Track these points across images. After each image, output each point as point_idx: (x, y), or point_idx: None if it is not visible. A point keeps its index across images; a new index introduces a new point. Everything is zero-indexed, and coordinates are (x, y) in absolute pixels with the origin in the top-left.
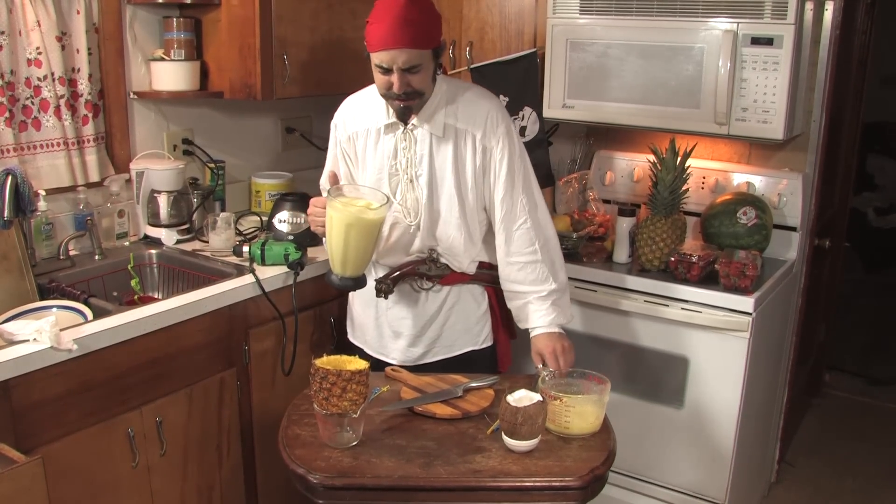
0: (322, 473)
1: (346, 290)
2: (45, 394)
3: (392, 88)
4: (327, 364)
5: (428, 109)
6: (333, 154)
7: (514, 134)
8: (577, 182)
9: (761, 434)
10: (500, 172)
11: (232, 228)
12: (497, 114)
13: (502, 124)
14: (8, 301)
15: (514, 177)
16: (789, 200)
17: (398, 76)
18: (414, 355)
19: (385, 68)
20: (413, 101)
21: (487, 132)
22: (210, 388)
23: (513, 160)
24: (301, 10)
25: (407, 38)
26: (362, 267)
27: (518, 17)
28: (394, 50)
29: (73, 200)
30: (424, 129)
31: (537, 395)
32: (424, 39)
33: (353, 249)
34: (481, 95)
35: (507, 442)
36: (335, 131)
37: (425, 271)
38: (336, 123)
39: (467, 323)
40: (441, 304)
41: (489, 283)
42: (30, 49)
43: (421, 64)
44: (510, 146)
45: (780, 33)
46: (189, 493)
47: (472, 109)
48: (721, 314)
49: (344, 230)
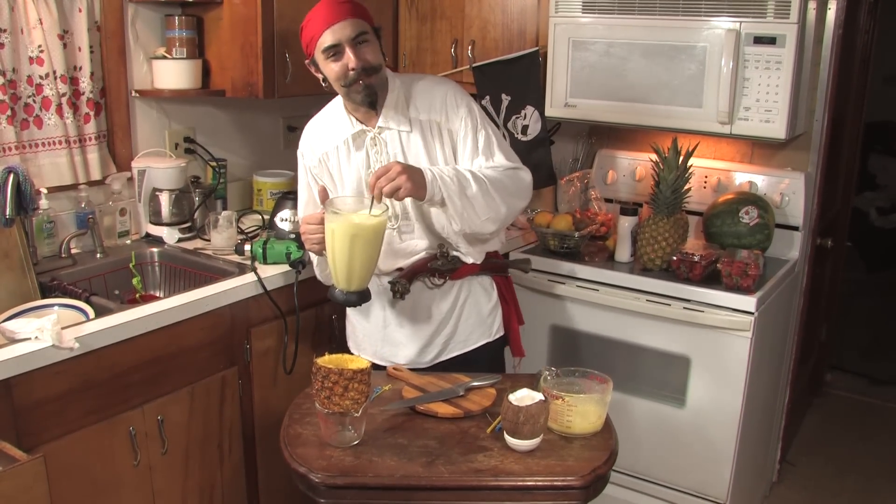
0: (323, 472)
1: (350, 305)
2: (46, 392)
3: (349, 67)
4: (329, 363)
5: (389, 108)
6: (305, 183)
7: (476, 109)
8: (579, 181)
9: (763, 433)
10: (466, 143)
11: (233, 227)
12: (454, 95)
13: (462, 105)
14: (9, 299)
15: (477, 141)
16: (791, 200)
17: (351, 50)
18: (428, 357)
19: (335, 49)
20: (373, 78)
21: (450, 116)
22: (211, 387)
23: (476, 130)
24: (303, 8)
25: (347, 10)
26: (368, 279)
27: (520, 16)
28: (338, 23)
29: (75, 199)
30: (391, 129)
31: (539, 395)
32: (363, 11)
33: (360, 260)
34: (435, 82)
35: (509, 441)
36: (303, 160)
37: (437, 266)
38: (302, 152)
39: (480, 315)
40: (454, 299)
41: (496, 272)
42: (31, 47)
43: (367, 33)
44: (472, 120)
45: (783, 33)
46: (190, 492)
47: (429, 98)
48: (723, 314)
49: (349, 241)
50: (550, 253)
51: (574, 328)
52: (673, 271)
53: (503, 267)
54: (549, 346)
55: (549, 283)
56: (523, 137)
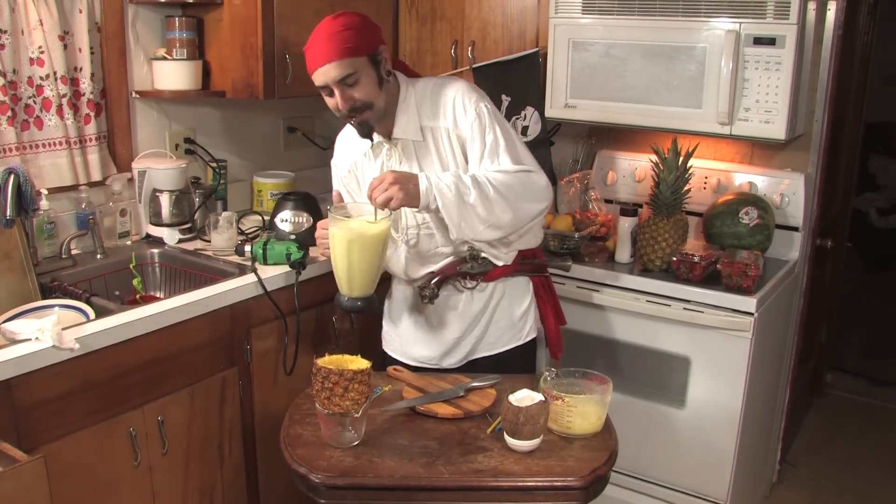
0: (324, 473)
1: (356, 312)
2: (46, 393)
3: (340, 109)
4: (329, 363)
5: (402, 117)
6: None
7: (486, 111)
8: (579, 182)
9: (763, 434)
10: (474, 147)
11: (234, 228)
12: (462, 98)
13: (470, 107)
14: (10, 300)
15: (484, 144)
16: (791, 200)
17: (339, 92)
18: (455, 358)
19: (325, 89)
20: (364, 116)
21: (458, 121)
22: (212, 388)
23: (483, 133)
24: (303, 9)
25: (331, 52)
26: (370, 286)
27: (520, 17)
28: (323, 66)
29: (76, 199)
30: (406, 139)
31: (539, 395)
32: (351, 49)
33: (359, 266)
34: (444, 85)
35: (508, 442)
36: (336, 171)
37: (468, 270)
38: (336, 163)
39: (511, 319)
40: (486, 301)
41: (534, 272)
42: (32, 48)
43: (356, 72)
44: (479, 123)
45: (783, 33)
46: (190, 493)
47: (437, 103)
48: (723, 314)
49: (346, 246)
50: (550, 254)
51: (574, 329)
52: (673, 272)
53: (541, 267)
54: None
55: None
56: (523, 138)
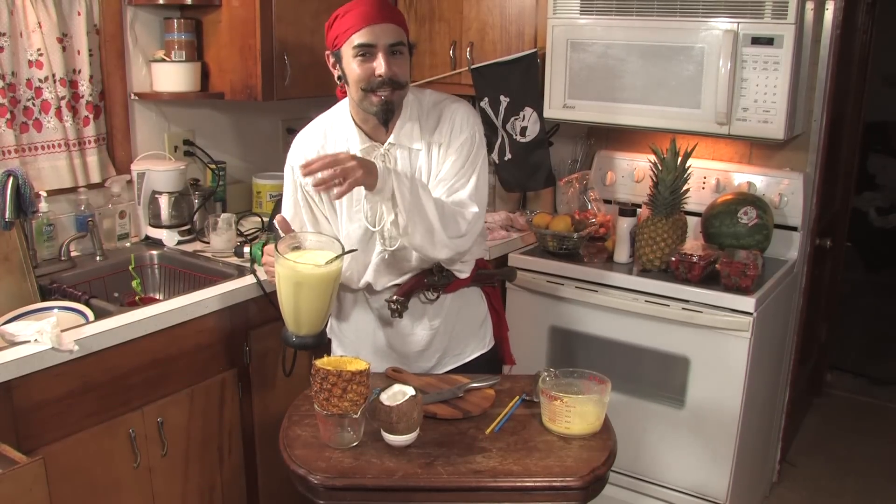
0: (323, 474)
1: (305, 349)
2: (46, 395)
3: (376, 73)
4: (328, 364)
5: (403, 124)
6: (293, 200)
7: (477, 140)
8: (578, 182)
9: (763, 434)
10: (445, 166)
11: (233, 229)
12: (462, 120)
13: (466, 130)
14: (9, 302)
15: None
16: (790, 200)
17: (385, 57)
18: (423, 370)
19: (368, 50)
20: (395, 94)
21: (452, 140)
22: (211, 389)
23: (464, 161)
24: (301, 11)
25: (388, 15)
26: (319, 325)
27: (518, 18)
28: (381, 24)
29: (75, 201)
30: (402, 147)
31: (411, 390)
32: (403, 21)
33: (306, 309)
34: (447, 103)
35: (386, 438)
36: (293, 176)
37: (433, 282)
38: (293, 166)
39: (473, 327)
40: (447, 313)
41: (485, 282)
42: (31, 51)
43: (404, 45)
44: (468, 148)
45: (781, 33)
46: (190, 494)
47: (439, 118)
48: (722, 314)
49: (293, 288)
50: (549, 254)
51: (573, 329)
52: (672, 272)
53: (490, 277)
54: (548, 347)
55: (549, 285)
56: (522, 139)
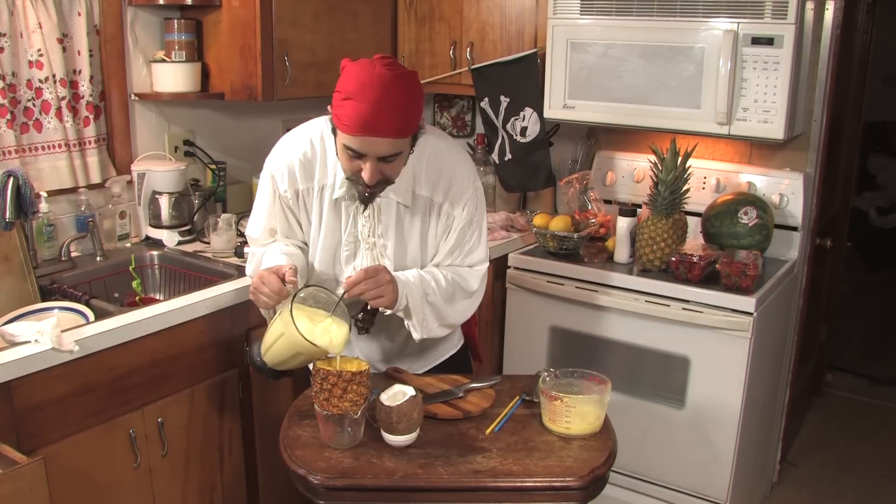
0: (323, 474)
1: (262, 374)
2: (46, 395)
3: (361, 175)
4: (328, 365)
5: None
6: (270, 207)
7: (479, 194)
8: (578, 182)
9: (763, 434)
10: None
11: (233, 230)
12: (462, 179)
13: (469, 188)
14: (9, 302)
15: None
16: (790, 200)
17: (372, 166)
18: None
19: (356, 153)
20: (383, 187)
21: (454, 202)
22: (211, 389)
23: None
24: (302, 11)
25: (391, 126)
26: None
27: (519, 18)
28: (376, 139)
29: (75, 202)
30: (390, 199)
31: (411, 390)
32: (409, 125)
33: (293, 364)
34: (444, 155)
35: (386, 438)
36: (273, 183)
37: None
38: (273, 174)
39: None
40: None
41: None
42: (31, 51)
43: (401, 153)
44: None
45: (781, 33)
46: (191, 494)
47: (437, 175)
48: (722, 314)
49: (291, 350)
50: (550, 254)
51: (573, 329)
52: (672, 272)
53: None
54: (548, 347)
55: (549, 285)
56: (522, 139)
